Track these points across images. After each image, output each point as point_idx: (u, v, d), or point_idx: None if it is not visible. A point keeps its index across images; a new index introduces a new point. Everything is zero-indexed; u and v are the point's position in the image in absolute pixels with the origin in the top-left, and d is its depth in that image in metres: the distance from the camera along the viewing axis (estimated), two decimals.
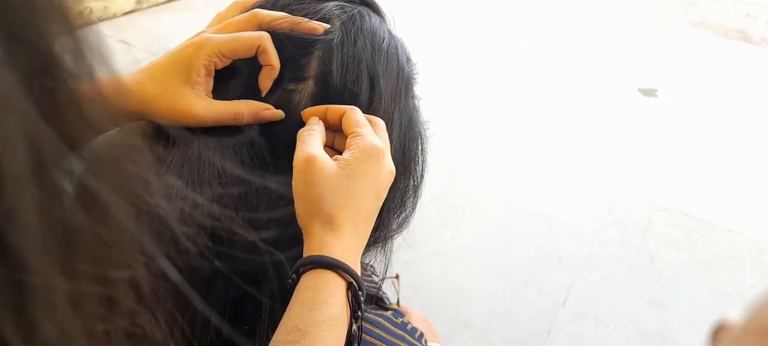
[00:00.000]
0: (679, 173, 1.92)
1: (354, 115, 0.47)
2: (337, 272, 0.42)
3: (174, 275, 0.45)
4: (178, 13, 2.83)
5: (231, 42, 0.47)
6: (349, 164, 0.44)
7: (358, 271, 0.43)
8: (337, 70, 0.49)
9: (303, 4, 0.52)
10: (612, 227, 1.66)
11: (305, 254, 0.44)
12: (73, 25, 0.24)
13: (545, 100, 2.33)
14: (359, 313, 0.42)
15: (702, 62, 2.74)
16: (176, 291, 0.45)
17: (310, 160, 0.44)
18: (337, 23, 0.51)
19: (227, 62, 0.48)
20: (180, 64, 0.47)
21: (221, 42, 0.47)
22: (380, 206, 0.46)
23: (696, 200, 1.79)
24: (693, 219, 1.71)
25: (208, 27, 0.52)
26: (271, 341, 0.40)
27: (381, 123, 0.49)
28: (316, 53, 0.49)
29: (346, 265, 0.42)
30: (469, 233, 1.60)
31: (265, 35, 0.48)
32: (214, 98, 0.48)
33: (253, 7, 0.52)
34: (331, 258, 0.42)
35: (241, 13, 0.51)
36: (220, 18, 0.53)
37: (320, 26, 0.49)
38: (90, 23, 0.26)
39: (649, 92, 2.44)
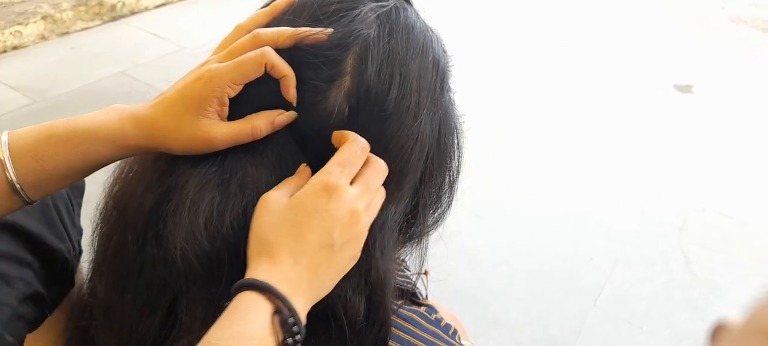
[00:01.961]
0: (716, 172, 1.87)
1: (344, 151, 0.46)
2: (261, 293, 0.40)
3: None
4: (208, 7, 2.85)
5: (237, 68, 0.46)
6: (295, 198, 0.44)
7: (299, 309, 0.41)
8: (373, 65, 0.49)
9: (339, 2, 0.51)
10: (645, 227, 1.62)
11: None
12: None
13: (578, 97, 2.29)
14: (291, 340, 0.40)
15: (740, 58, 2.66)
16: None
17: (261, 200, 0.45)
18: (373, 16, 0.50)
19: (239, 89, 0.48)
20: (191, 99, 0.46)
21: (229, 71, 0.46)
22: (335, 244, 0.43)
23: (734, 201, 1.73)
24: (731, 220, 1.66)
25: (213, 54, 0.51)
26: None
27: (378, 164, 0.47)
28: (353, 49, 0.48)
29: (272, 287, 0.40)
30: (498, 230, 1.57)
31: (267, 50, 0.47)
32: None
33: (276, 19, 0.51)
34: (254, 280, 0.40)
35: (244, 35, 0.50)
36: (224, 43, 0.52)
37: (322, 33, 0.48)
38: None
39: (685, 89, 2.37)
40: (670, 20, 3.05)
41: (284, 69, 0.47)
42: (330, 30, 0.48)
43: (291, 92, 0.48)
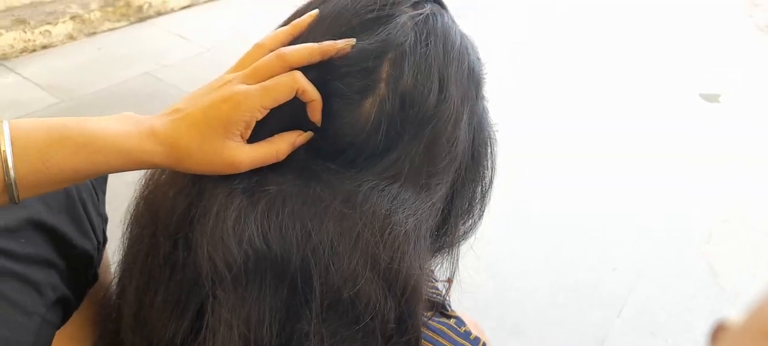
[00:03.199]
0: (743, 182, 1.83)
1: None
2: None
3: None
4: (233, 9, 2.88)
5: (268, 94, 0.46)
6: None
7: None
8: (409, 72, 0.48)
9: (375, 8, 0.51)
10: (670, 238, 1.60)
11: None
12: None
13: (603, 105, 2.26)
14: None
15: (767, 67, 2.62)
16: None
17: None
18: (410, 24, 0.50)
19: (266, 112, 0.48)
20: (217, 121, 0.46)
21: (259, 96, 0.46)
22: None
23: (761, 212, 1.70)
24: (757, 232, 1.63)
25: (231, 71, 0.50)
26: None
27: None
28: (387, 57, 0.48)
29: None
30: (520, 238, 1.56)
31: (298, 76, 0.47)
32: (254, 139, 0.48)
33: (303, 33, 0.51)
34: None
35: (265, 54, 0.50)
36: (244, 62, 0.51)
37: (347, 45, 0.48)
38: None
39: (712, 98, 2.34)
40: (696, 29, 3.00)
41: (313, 94, 0.47)
42: (354, 40, 0.48)
43: (317, 116, 0.48)
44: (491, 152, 0.56)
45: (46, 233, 0.55)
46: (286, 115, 0.48)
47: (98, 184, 0.65)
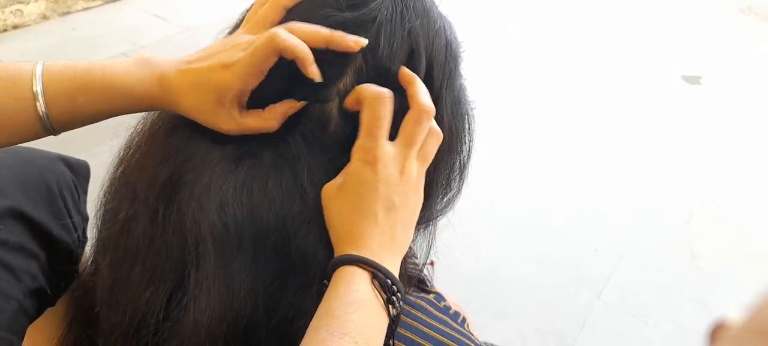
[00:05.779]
0: (723, 165, 1.85)
1: (365, 114, 0.46)
2: (355, 265, 0.44)
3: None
4: None
5: (253, 64, 0.46)
6: (345, 182, 0.46)
7: (390, 267, 0.44)
8: (386, 48, 0.48)
9: None
10: (651, 220, 1.60)
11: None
12: None
13: (583, 86, 2.26)
14: (394, 299, 0.43)
15: (749, 50, 2.63)
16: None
17: (323, 192, 0.48)
18: (390, 2, 0.50)
19: (261, 79, 0.48)
20: (211, 87, 0.47)
21: (246, 68, 0.46)
22: (397, 204, 0.46)
23: (741, 195, 1.72)
24: (738, 214, 1.64)
25: (242, 27, 0.51)
26: (308, 329, 0.41)
27: (411, 109, 0.47)
28: (365, 31, 0.48)
29: (362, 257, 0.44)
30: (502, 221, 1.56)
31: (276, 35, 0.45)
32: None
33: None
34: (346, 255, 0.44)
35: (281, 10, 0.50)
36: (249, 18, 0.51)
37: (357, 44, 0.46)
38: None
39: (693, 80, 2.35)
40: (678, 9, 3.01)
41: (297, 50, 0.46)
42: (365, 41, 0.46)
43: (314, 69, 0.47)
44: (469, 128, 0.56)
45: (26, 223, 0.56)
46: (284, 76, 0.48)
47: (80, 183, 0.66)
